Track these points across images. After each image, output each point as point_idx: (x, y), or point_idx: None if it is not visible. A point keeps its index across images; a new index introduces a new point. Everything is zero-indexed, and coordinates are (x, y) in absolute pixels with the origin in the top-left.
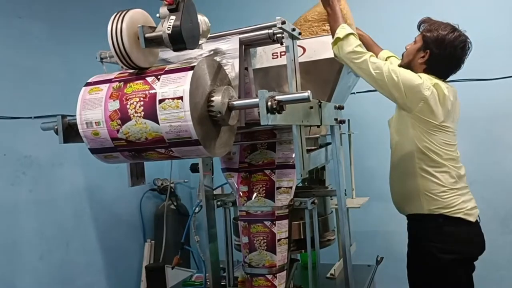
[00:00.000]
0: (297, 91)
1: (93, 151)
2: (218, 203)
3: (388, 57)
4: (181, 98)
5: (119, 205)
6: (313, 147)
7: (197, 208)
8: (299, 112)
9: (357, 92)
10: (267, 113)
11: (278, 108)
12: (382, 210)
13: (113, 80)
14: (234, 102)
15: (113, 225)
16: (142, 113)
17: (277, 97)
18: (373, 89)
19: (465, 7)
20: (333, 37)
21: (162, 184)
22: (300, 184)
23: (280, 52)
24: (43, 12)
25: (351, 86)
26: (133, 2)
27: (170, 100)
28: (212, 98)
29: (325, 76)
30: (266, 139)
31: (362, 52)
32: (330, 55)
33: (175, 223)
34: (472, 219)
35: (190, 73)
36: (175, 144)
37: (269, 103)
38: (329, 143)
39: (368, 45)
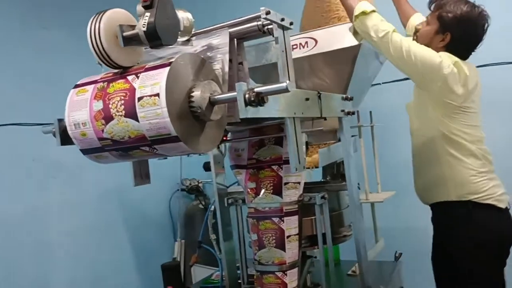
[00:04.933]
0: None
1: (84, 151)
2: (230, 201)
3: (416, 26)
4: (157, 94)
5: (148, 205)
6: (331, 141)
7: (213, 207)
8: (292, 104)
9: (383, 83)
10: (246, 106)
11: (257, 100)
12: (412, 204)
13: (98, 81)
14: (216, 97)
15: (143, 225)
16: (123, 112)
17: (256, 89)
18: (400, 79)
19: None
20: (350, 13)
21: (190, 184)
22: (322, 179)
23: (292, 45)
24: (68, 23)
25: (371, 76)
26: None
27: (148, 97)
28: (192, 94)
29: (339, 67)
30: (274, 134)
31: (384, 29)
32: (343, 45)
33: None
34: (502, 205)
35: (167, 69)
36: (157, 141)
37: (247, 96)
38: (352, 136)
39: (398, 1)
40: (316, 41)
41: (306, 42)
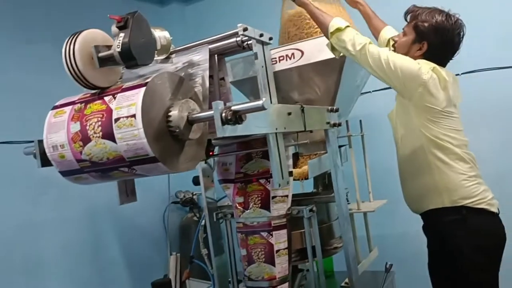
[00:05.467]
0: (271, 99)
1: (63, 173)
2: (219, 215)
3: (392, 37)
4: (134, 115)
5: (141, 219)
6: (321, 152)
7: (203, 221)
8: (273, 120)
9: (373, 91)
10: (223, 124)
11: (234, 119)
12: (406, 211)
13: (76, 102)
14: (194, 115)
15: (137, 240)
16: (101, 133)
17: (232, 108)
18: (390, 86)
19: None
20: (323, 29)
21: (184, 196)
22: (315, 190)
23: (279, 57)
24: (55, 37)
25: (360, 85)
26: None
27: (125, 119)
28: (170, 113)
29: (327, 77)
30: (261, 148)
31: (361, 42)
32: (329, 55)
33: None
34: (494, 209)
35: (143, 89)
36: (135, 162)
37: (224, 114)
38: (341, 146)
39: (368, 17)
40: (302, 52)
41: (293, 54)
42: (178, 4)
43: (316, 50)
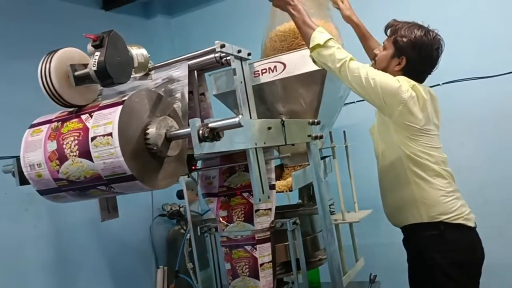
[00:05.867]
0: (250, 114)
1: (41, 192)
2: (204, 229)
3: (373, 50)
4: (110, 134)
5: (127, 233)
6: (306, 163)
7: (188, 235)
8: (252, 135)
9: (357, 101)
10: (200, 142)
11: (212, 136)
12: None
13: (53, 120)
14: (172, 133)
15: (123, 254)
16: (77, 152)
17: (210, 125)
18: None
19: (463, 2)
20: (306, 40)
21: (171, 209)
22: (300, 201)
23: (261, 70)
24: (39, 53)
25: (343, 96)
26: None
27: (101, 137)
28: (148, 131)
29: (309, 89)
30: (244, 161)
31: (341, 58)
32: (310, 68)
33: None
34: (471, 224)
35: (119, 108)
36: (113, 180)
37: (201, 132)
38: (325, 157)
39: (364, 37)
40: (284, 65)
41: (275, 66)
42: (163, 17)
43: (298, 62)
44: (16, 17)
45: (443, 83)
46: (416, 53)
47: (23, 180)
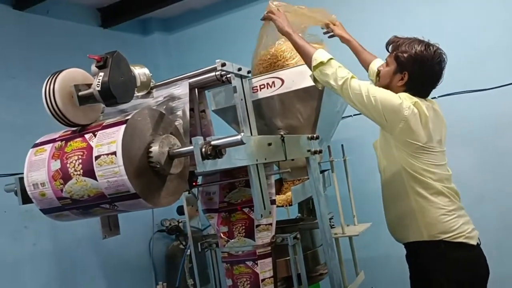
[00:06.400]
0: (251, 130)
1: (44, 211)
2: (204, 245)
3: (378, 67)
4: (114, 153)
5: (126, 249)
6: (305, 177)
7: (188, 251)
8: (253, 152)
9: (354, 115)
10: (203, 159)
11: (214, 153)
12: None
13: (56, 139)
14: (174, 151)
15: (123, 270)
16: (81, 171)
17: (212, 143)
18: None
19: (456, 17)
20: (307, 60)
21: (170, 224)
22: (299, 215)
23: (260, 86)
24: (37, 71)
25: (340, 110)
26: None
27: (105, 156)
28: (151, 149)
29: (307, 104)
30: (244, 177)
31: (343, 76)
32: (309, 83)
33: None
34: (473, 242)
35: (123, 127)
36: (117, 199)
37: (203, 150)
38: (324, 171)
39: (357, 51)
40: (282, 81)
41: (273, 82)
42: (161, 34)
43: (295, 78)
44: (14, 35)
45: (439, 96)
46: (417, 68)
47: (26, 199)
